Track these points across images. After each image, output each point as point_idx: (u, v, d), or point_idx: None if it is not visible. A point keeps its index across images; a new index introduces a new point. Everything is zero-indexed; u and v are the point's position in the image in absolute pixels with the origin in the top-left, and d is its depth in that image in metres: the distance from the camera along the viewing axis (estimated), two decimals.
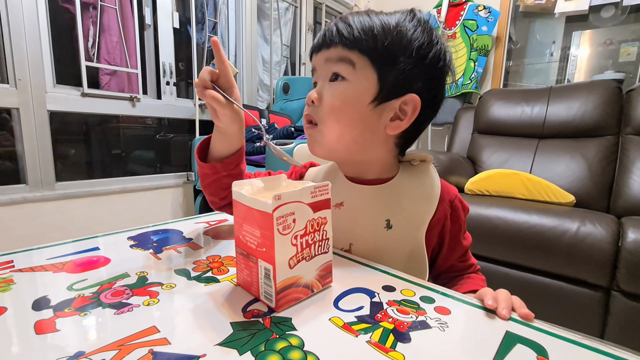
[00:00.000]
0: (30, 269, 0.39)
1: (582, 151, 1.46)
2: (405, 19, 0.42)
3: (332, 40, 0.42)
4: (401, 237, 0.45)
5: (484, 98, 1.82)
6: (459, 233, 0.49)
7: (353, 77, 0.42)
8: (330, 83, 0.43)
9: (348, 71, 0.41)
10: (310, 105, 0.44)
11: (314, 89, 0.45)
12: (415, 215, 0.45)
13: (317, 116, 0.44)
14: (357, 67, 0.41)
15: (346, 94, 0.42)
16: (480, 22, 2.10)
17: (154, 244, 0.48)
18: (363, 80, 0.41)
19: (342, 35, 0.41)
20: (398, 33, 0.41)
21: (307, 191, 0.32)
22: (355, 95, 0.42)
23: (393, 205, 0.45)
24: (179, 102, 1.90)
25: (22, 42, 1.29)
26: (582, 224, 1.03)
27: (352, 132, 0.43)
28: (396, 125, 0.43)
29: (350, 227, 0.46)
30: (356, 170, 0.48)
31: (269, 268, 0.31)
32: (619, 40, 1.92)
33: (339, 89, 0.42)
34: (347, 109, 0.42)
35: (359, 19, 0.42)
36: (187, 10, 1.96)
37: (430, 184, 0.46)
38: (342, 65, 0.42)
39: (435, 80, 0.43)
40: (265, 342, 0.26)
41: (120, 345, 0.25)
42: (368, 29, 0.41)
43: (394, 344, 0.26)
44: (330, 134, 0.43)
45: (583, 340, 0.28)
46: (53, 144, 1.42)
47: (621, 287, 0.97)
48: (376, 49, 0.41)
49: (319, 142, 0.45)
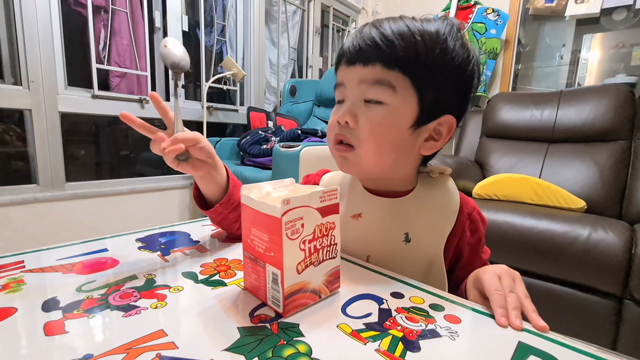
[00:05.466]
0: (40, 270, 0.39)
1: (593, 156, 1.44)
2: (445, 30, 0.38)
3: (370, 57, 0.38)
4: (420, 251, 0.44)
5: (493, 101, 1.81)
6: (478, 246, 0.48)
7: (393, 101, 0.39)
8: (367, 105, 0.40)
9: (388, 96, 0.39)
10: (344, 126, 0.41)
11: (345, 109, 0.41)
12: (434, 228, 0.44)
13: (353, 139, 0.41)
14: (398, 90, 0.38)
15: (386, 120, 0.39)
16: (489, 25, 2.09)
17: (162, 246, 0.48)
18: (403, 105, 0.39)
19: (382, 52, 0.38)
20: (442, 51, 0.38)
21: (316, 196, 0.32)
22: (395, 120, 0.39)
23: (412, 219, 0.44)
24: (187, 104, 1.92)
25: (35, 45, 1.32)
26: (594, 230, 1.01)
27: (391, 155, 0.41)
28: (431, 145, 0.42)
29: (369, 238, 0.46)
30: (378, 184, 0.47)
31: (276, 273, 0.30)
32: (631, 44, 1.89)
33: (379, 114, 0.39)
34: (387, 134, 0.40)
35: (397, 30, 0.37)
36: (197, 14, 1.98)
37: (449, 196, 0.45)
38: (381, 89, 0.38)
39: (467, 96, 0.42)
40: (272, 348, 0.26)
41: (127, 348, 0.25)
42: (411, 45, 0.37)
43: (403, 353, 0.26)
44: (369, 158, 0.41)
45: (598, 353, 0.27)
46: (64, 145, 1.45)
47: (634, 295, 0.94)
48: (419, 68, 0.38)
49: (354, 164, 0.42)
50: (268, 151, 1.64)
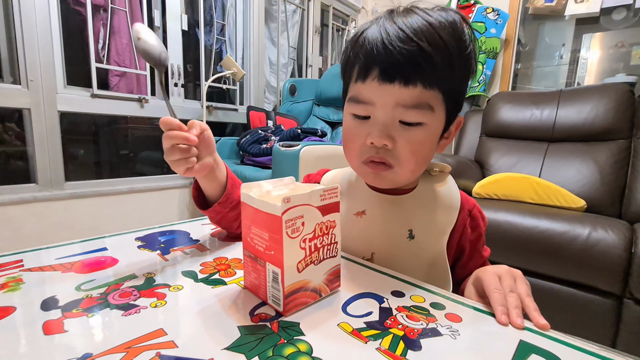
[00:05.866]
0: (39, 269, 0.39)
1: (593, 155, 1.44)
2: (461, 27, 0.36)
3: (411, 76, 0.35)
4: (423, 248, 0.44)
5: (492, 101, 1.80)
6: (478, 243, 0.48)
7: (430, 120, 0.38)
8: (404, 126, 0.38)
9: (426, 117, 0.37)
10: (380, 147, 0.39)
11: (380, 131, 0.38)
12: (437, 225, 0.44)
13: (391, 160, 0.40)
14: (435, 109, 0.37)
15: (425, 140, 0.39)
16: (489, 24, 2.08)
17: (161, 245, 0.47)
18: (438, 122, 0.39)
19: (422, 71, 0.35)
20: (467, 57, 0.36)
21: (316, 194, 0.31)
22: (433, 137, 0.40)
23: (415, 216, 0.45)
24: (186, 103, 1.92)
25: (34, 44, 1.32)
26: (594, 230, 1.01)
27: (424, 166, 0.43)
28: (444, 144, 0.43)
29: (373, 236, 0.46)
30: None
31: (277, 271, 0.30)
32: (630, 43, 1.89)
33: (419, 136, 0.38)
34: (426, 151, 0.40)
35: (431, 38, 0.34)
36: (196, 13, 1.97)
37: (450, 194, 0.46)
38: (420, 113, 0.37)
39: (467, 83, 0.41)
40: (273, 347, 0.26)
41: (127, 347, 0.25)
42: (446, 59, 0.35)
43: (404, 352, 0.26)
44: (407, 173, 0.41)
45: (598, 351, 0.27)
46: (63, 144, 1.44)
47: (634, 294, 0.94)
48: (453, 82, 0.37)
49: (390, 180, 0.42)
50: (268, 150, 1.64)
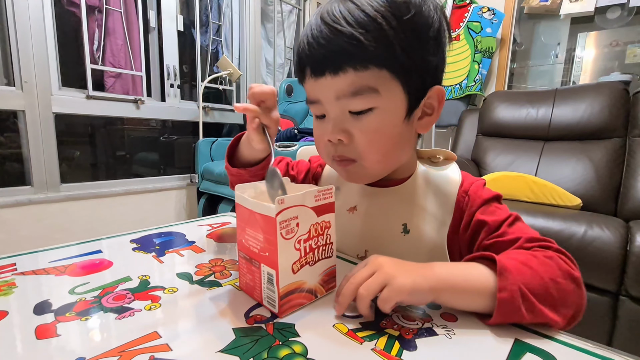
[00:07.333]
0: (32, 272, 0.38)
1: (588, 154, 1.45)
2: None
3: (338, 63, 0.34)
4: (420, 242, 0.41)
5: (488, 100, 1.81)
6: (492, 216, 0.39)
7: (380, 103, 0.35)
8: (354, 116, 0.36)
9: (373, 100, 0.35)
10: (337, 143, 0.38)
11: (333, 127, 0.37)
12: (434, 216, 0.41)
13: (351, 154, 0.38)
14: (381, 89, 0.34)
15: (380, 124, 0.36)
16: (485, 23, 2.09)
17: (157, 247, 0.47)
18: (392, 101, 0.36)
19: (349, 54, 0.33)
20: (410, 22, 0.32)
21: (310, 195, 0.31)
22: (389, 119, 0.36)
23: (409, 208, 0.42)
24: (182, 104, 1.91)
25: (28, 45, 1.31)
26: (589, 228, 1.01)
27: (395, 153, 0.40)
28: (426, 122, 0.39)
29: (365, 232, 0.44)
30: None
31: (272, 273, 0.30)
32: (625, 42, 1.90)
33: (373, 123, 0.36)
34: (385, 137, 0.37)
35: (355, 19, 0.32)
36: (192, 13, 1.97)
37: (446, 180, 0.42)
38: (363, 99, 0.35)
39: (444, 52, 0.37)
40: (268, 349, 0.26)
41: (121, 351, 0.25)
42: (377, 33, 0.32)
43: (399, 352, 0.26)
44: (374, 165, 0.39)
45: (594, 349, 0.27)
46: (58, 146, 1.44)
47: (629, 292, 0.95)
48: (395, 56, 0.33)
49: (361, 175, 0.41)
50: None
